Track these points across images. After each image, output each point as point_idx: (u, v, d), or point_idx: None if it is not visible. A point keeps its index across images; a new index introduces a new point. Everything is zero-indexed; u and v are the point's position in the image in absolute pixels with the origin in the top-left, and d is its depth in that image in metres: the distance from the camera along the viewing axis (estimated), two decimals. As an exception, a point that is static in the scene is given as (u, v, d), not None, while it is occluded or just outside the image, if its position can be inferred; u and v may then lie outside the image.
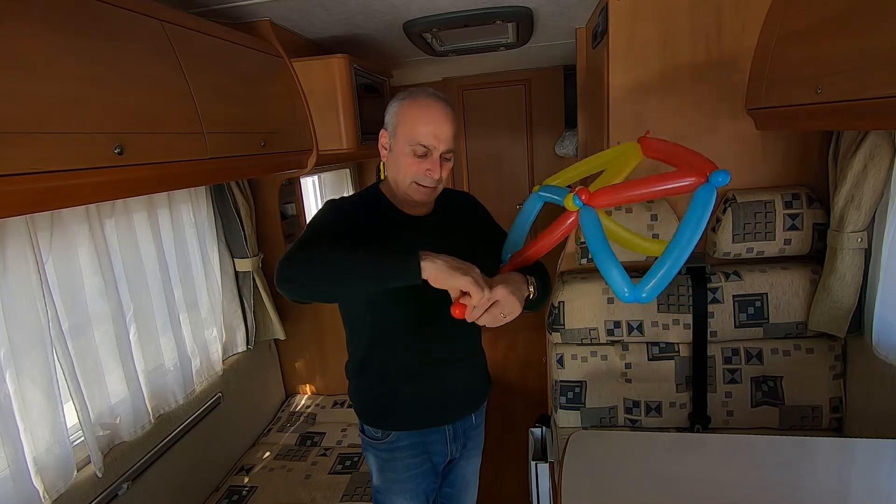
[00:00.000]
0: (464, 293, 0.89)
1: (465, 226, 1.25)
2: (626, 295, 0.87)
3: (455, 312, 0.91)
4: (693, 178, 0.84)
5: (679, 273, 1.70)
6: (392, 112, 1.10)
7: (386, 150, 1.12)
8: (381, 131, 1.13)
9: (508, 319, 0.93)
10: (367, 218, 1.11)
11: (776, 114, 1.48)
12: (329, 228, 1.03)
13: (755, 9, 1.54)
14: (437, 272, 0.86)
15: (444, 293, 0.94)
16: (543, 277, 1.14)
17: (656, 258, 0.91)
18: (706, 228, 1.73)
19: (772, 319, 1.62)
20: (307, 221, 2.72)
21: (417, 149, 1.05)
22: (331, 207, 1.11)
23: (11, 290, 1.20)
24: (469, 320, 0.92)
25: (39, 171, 0.88)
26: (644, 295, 0.86)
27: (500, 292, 0.91)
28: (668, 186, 0.90)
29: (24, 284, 1.21)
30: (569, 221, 1.05)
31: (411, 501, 1.26)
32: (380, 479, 1.27)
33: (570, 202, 0.98)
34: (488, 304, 0.91)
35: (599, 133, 1.94)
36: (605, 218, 1.05)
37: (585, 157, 2.54)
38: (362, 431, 1.27)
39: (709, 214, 0.87)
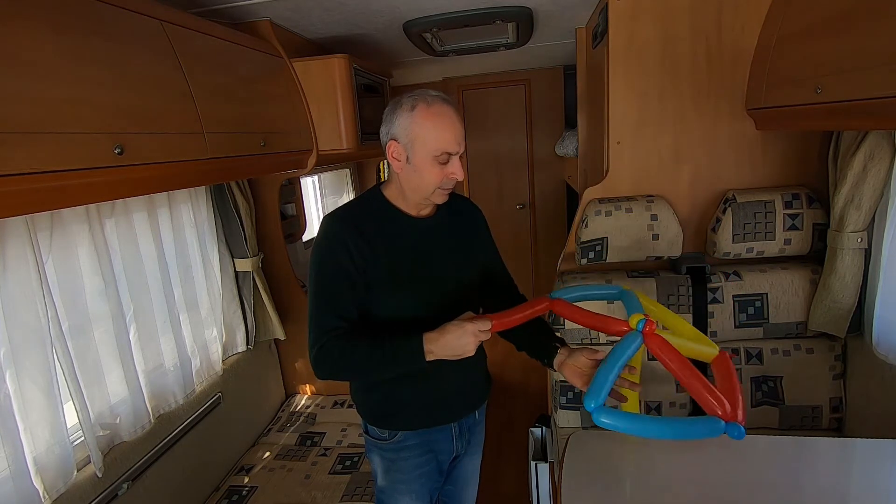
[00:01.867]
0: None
1: (465, 229, 1.26)
2: (590, 405, 0.95)
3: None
4: (721, 412, 0.93)
5: (679, 273, 1.71)
6: (404, 124, 1.05)
7: (400, 161, 1.09)
8: (391, 143, 1.08)
9: None
10: (373, 225, 1.11)
11: (776, 114, 1.48)
12: (336, 295, 1.09)
13: (755, 9, 1.54)
14: (441, 355, 1.02)
15: (446, 296, 1.03)
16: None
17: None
18: (706, 228, 1.74)
19: (772, 319, 1.62)
20: (307, 223, 2.74)
21: (442, 157, 1.06)
22: (329, 241, 1.10)
23: (11, 290, 1.20)
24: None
25: (39, 171, 0.88)
26: (597, 415, 0.95)
27: None
28: (702, 397, 0.96)
29: (24, 284, 1.21)
30: (617, 329, 1.09)
31: (417, 501, 1.26)
32: (385, 479, 1.26)
33: (634, 321, 1.04)
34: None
35: (599, 133, 1.94)
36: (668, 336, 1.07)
37: (585, 158, 2.56)
38: (366, 432, 1.27)
39: (699, 437, 0.96)
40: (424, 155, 1.05)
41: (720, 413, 0.92)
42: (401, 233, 1.14)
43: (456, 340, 1.00)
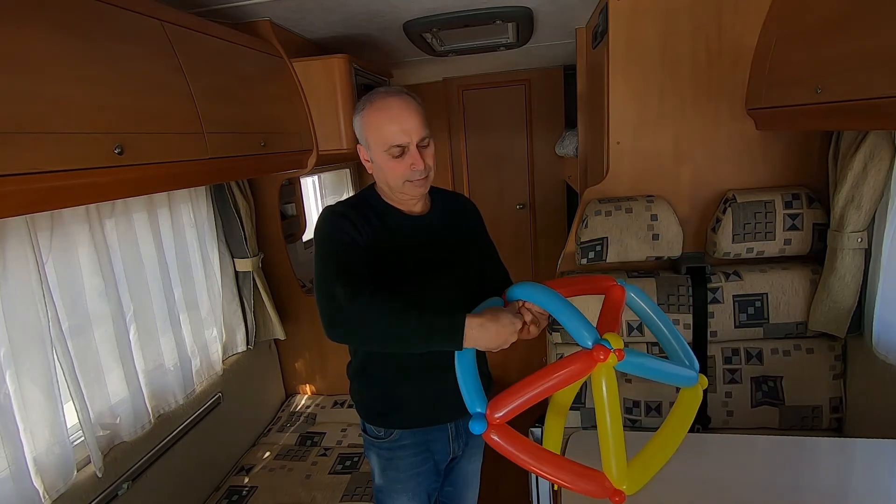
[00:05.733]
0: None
1: (461, 226, 1.26)
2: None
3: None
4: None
5: (679, 273, 1.71)
6: (358, 125, 1.10)
7: (368, 162, 1.13)
8: (358, 146, 1.14)
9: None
10: (372, 215, 1.12)
11: (776, 114, 1.48)
12: (351, 260, 1.03)
13: (755, 9, 1.54)
14: (479, 344, 0.93)
15: (442, 292, 0.97)
16: None
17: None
18: (706, 228, 1.73)
19: (772, 319, 1.62)
20: (307, 223, 2.74)
21: (393, 151, 1.06)
22: (334, 219, 1.08)
23: (11, 290, 1.20)
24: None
25: (39, 171, 0.88)
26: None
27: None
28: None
29: (24, 284, 1.21)
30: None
31: (413, 500, 1.26)
32: (382, 478, 1.27)
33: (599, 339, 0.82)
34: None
35: (599, 133, 1.94)
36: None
37: (585, 158, 2.56)
38: (364, 431, 1.27)
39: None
40: (378, 151, 1.08)
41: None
42: (396, 228, 1.14)
43: (501, 329, 0.93)
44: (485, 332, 0.92)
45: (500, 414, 0.81)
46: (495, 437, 0.81)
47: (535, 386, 0.82)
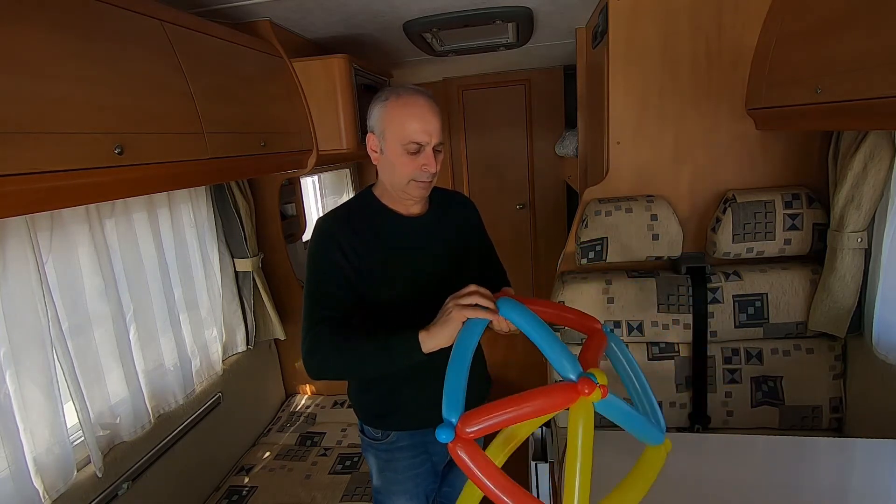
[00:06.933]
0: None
1: (459, 225, 1.26)
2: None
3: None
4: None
5: (679, 273, 1.71)
6: (377, 115, 1.08)
7: (377, 153, 1.11)
8: (369, 135, 1.12)
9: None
10: (366, 224, 1.11)
11: (776, 114, 1.48)
12: (331, 290, 1.07)
13: (755, 9, 1.54)
14: (435, 342, 0.94)
15: (441, 292, 0.98)
16: None
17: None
18: (706, 228, 1.73)
19: (772, 319, 1.62)
20: (307, 223, 2.74)
21: (410, 147, 1.05)
22: (321, 242, 1.09)
23: (11, 290, 1.20)
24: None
25: (39, 171, 0.88)
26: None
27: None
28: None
29: (24, 284, 1.21)
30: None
31: (411, 501, 1.26)
32: (380, 479, 1.27)
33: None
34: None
35: (599, 133, 1.94)
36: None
37: (585, 158, 2.56)
38: (362, 432, 1.27)
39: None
40: (394, 144, 1.06)
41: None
42: (393, 231, 1.14)
43: (440, 318, 0.95)
44: (438, 332, 0.94)
45: (472, 430, 0.79)
46: (460, 452, 0.79)
47: (512, 409, 0.81)
